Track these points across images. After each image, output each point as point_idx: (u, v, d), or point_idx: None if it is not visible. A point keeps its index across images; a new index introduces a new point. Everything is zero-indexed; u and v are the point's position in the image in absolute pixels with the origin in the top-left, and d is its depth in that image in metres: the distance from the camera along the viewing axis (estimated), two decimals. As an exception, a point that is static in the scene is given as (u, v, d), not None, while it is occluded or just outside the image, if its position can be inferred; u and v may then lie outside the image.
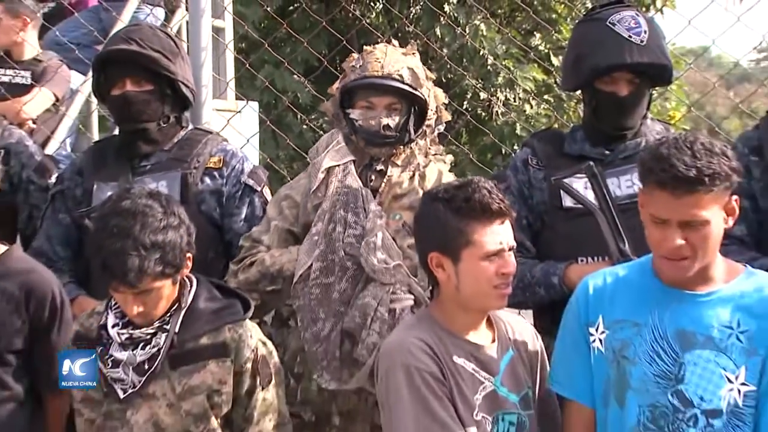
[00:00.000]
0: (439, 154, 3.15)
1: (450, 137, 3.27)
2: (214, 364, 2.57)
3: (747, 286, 2.33)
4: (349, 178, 3.02)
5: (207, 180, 3.26)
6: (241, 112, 5.05)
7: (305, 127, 9.17)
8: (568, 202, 2.92)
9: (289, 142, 6.75)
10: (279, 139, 8.51)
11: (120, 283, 2.45)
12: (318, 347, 2.91)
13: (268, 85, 7.17)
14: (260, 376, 2.61)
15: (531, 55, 10.05)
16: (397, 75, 2.98)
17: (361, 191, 2.99)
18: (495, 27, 10.26)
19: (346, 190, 3.00)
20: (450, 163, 3.20)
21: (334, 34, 5.68)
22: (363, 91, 3.02)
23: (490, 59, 10.09)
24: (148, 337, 2.55)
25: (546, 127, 6.35)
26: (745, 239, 2.77)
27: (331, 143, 3.14)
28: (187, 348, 2.57)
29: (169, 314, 2.57)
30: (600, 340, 2.42)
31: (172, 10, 6.11)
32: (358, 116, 3.02)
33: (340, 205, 2.98)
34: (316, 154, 3.17)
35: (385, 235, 2.92)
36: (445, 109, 3.14)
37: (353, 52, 3.20)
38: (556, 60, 10.63)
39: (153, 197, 2.55)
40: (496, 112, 10.47)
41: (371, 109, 3.01)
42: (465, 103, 9.76)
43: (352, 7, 9.92)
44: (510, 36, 9.96)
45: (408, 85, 2.98)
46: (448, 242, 2.43)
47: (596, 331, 2.43)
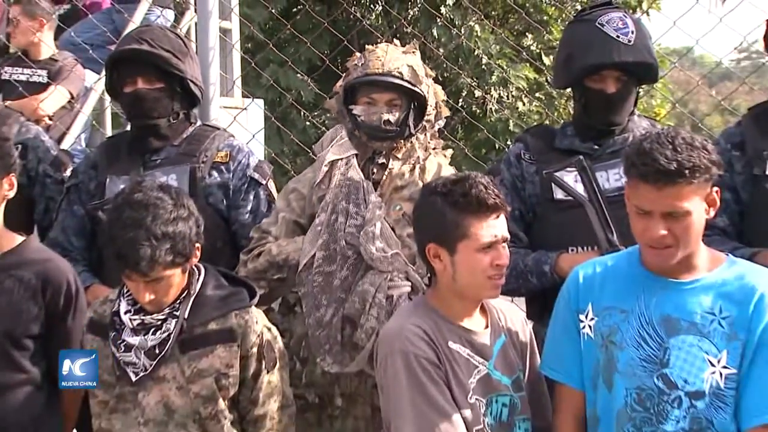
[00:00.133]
0: (439, 148, 3.14)
1: (446, 133, 3.25)
2: (222, 348, 2.56)
3: (729, 274, 2.33)
4: (352, 171, 3.01)
5: (214, 174, 3.25)
6: (247, 109, 5.03)
7: (308, 123, 9.18)
8: (559, 194, 2.91)
9: (293, 138, 6.76)
10: (283, 135, 8.53)
11: (132, 272, 2.45)
12: (320, 332, 2.90)
13: (273, 84, 7.16)
14: (265, 360, 2.61)
15: (523, 54, 10.06)
16: (397, 72, 2.96)
17: (362, 183, 2.98)
18: (489, 28, 10.27)
19: (348, 183, 2.99)
20: (449, 157, 3.19)
21: (336, 35, 5.66)
22: (365, 88, 3.01)
23: (485, 59, 10.11)
24: (159, 322, 2.55)
25: (538, 123, 6.34)
26: (727, 230, 2.76)
27: (335, 138, 3.13)
28: (195, 333, 2.57)
29: (178, 301, 2.57)
30: (589, 327, 2.41)
31: (182, 11, 6.12)
32: (360, 112, 3.00)
33: (342, 196, 2.97)
34: (321, 149, 3.17)
35: (383, 225, 2.91)
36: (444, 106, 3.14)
37: (354, 51, 3.19)
38: (547, 59, 10.65)
39: (164, 190, 2.54)
40: (490, 109, 10.48)
41: (373, 105, 3.00)
42: (460, 100, 9.77)
43: (353, 9, 9.90)
44: (503, 37, 9.98)
45: (407, 81, 2.97)
46: (445, 234, 2.42)
47: (586, 317, 2.42)
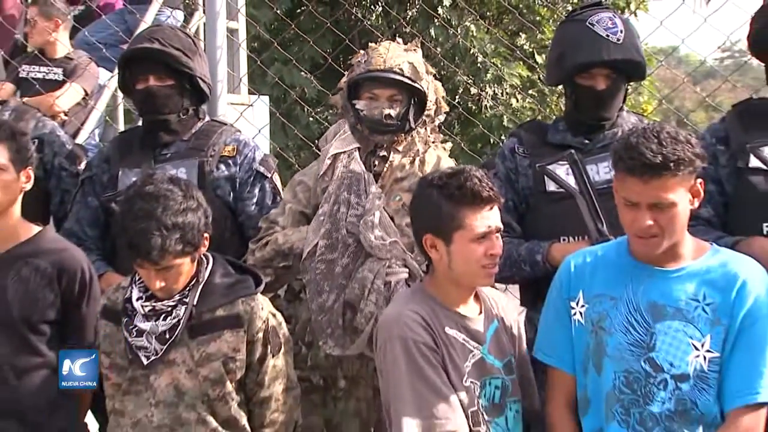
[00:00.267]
0: (438, 142, 3.13)
1: (443, 128, 3.24)
2: (229, 333, 2.56)
3: (713, 262, 2.34)
4: (353, 164, 3.00)
5: (222, 167, 3.24)
6: (253, 105, 5.04)
7: (311, 119, 9.16)
8: (551, 186, 2.91)
9: (297, 133, 6.76)
10: (287, 130, 8.50)
11: (144, 261, 2.45)
12: (323, 317, 2.90)
13: (278, 81, 7.13)
14: (271, 345, 2.61)
15: (517, 53, 10.03)
16: (398, 69, 2.96)
17: (363, 175, 2.97)
18: (484, 28, 10.24)
19: (350, 174, 2.99)
20: (448, 150, 3.18)
21: (338, 34, 5.65)
22: (367, 84, 3.00)
23: (480, 57, 10.08)
24: (169, 309, 2.54)
25: (531, 119, 6.33)
26: (712, 220, 2.76)
27: (339, 132, 3.13)
28: (204, 319, 2.56)
29: (188, 288, 2.56)
30: (580, 313, 2.42)
31: (191, 12, 6.12)
32: (363, 107, 3.00)
33: (344, 187, 2.97)
34: (325, 143, 3.17)
35: (382, 214, 2.91)
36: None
37: (355, 50, 3.19)
38: (540, 58, 10.65)
39: (173, 182, 2.53)
40: (486, 105, 10.46)
41: (375, 100, 2.99)
42: (457, 97, 9.74)
43: (354, 9, 9.87)
44: (498, 36, 9.95)
45: (408, 77, 2.96)
46: (441, 225, 2.42)
47: (577, 305, 2.43)
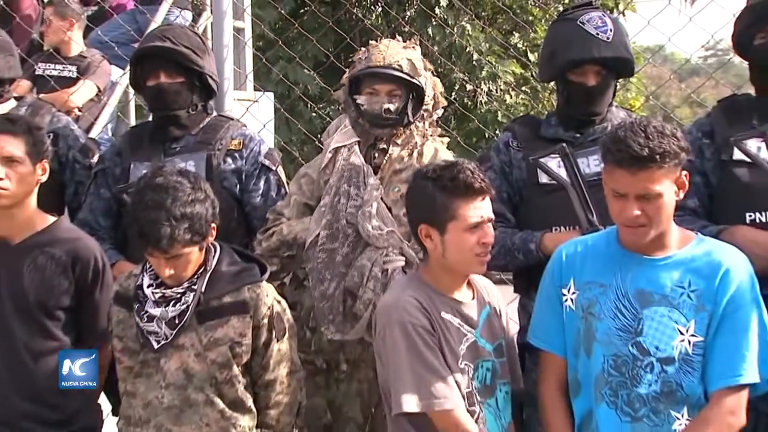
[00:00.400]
0: (436, 135, 3.12)
1: (440, 123, 3.23)
2: (236, 319, 2.55)
3: (697, 251, 2.33)
4: (353, 157, 2.99)
5: (229, 160, 3.23)
6: (258, 101, 5.03)
7: (314, 114, 9.16)
8: (543, 178, 2.90)
9: (300, 128, 6.75)
10: (291, 125, 8.51)
11: (154, 249, 2.45)
12: (324, 304, 2.90)
13: (282, 78, 7.14)
14: (275, 330, 2.60)
15: (510, 51, 10.02)
16: (396, 65, 2.95)
17: (362, 167, 2.96)
18: (479, 27, 10.24)
19: (350, 167, 2.97)
20: (446, 143, 3.17)
21: (340, 33, 5.63)
22: (368, 80, 3.00)
23: (475, 55, 10.08)
24: (178, 295, 2.54)
25: (524, 114, 6.31)
26: (698, 210, 2.75)
27: (340, 127, 3.12)
28: (211, 305, 2.56)
29: (196, 276, 2.56)
30: (571, 300, 2.41)
31: (199, 12, 6.11)
32: (363, 101, 2.99)
33: (344, 179, 2.96)
34: (327, 136, 3.16)
35: (380, 205, 2.90)
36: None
37: (356, 48, 3.17)
38: (532, 56, 10.63)
39: (182, 175, 2.53)
40: (481, 101, 10.46)
41: (375, 95, 2.98)
42: (453, 93, 9.74)
43: (355, 9, 9.86)
44: (492, 35, 9.95)
45: (406, 73, 2.96)
46: (435, 216, 2.41)
47: (568, 291, 2.42)
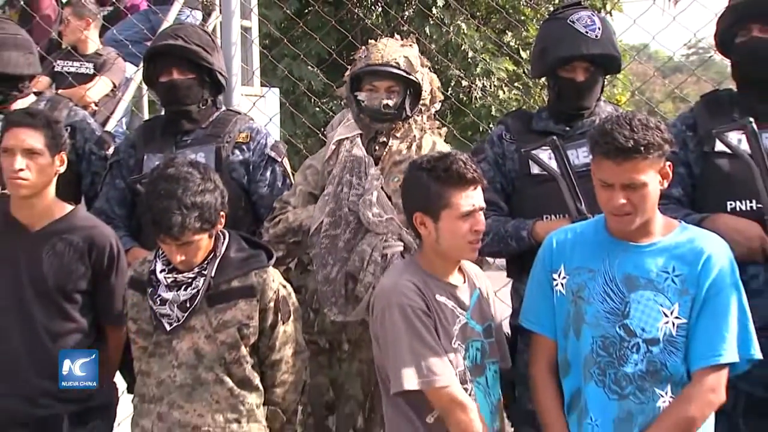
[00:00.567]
0: (434, 129, 3.11)
1: (437, 117, 3.22)
2: (243, 302, 2.55)
3: (681, 238, 2.33)
4: (355, 148, 2.99)
5: (237, 152, 3.23)
6: (264, 96, 5.00)
7: (318, 109, 9.14)
8: (535, 169, 2.89)
9: (305, 121, 6.74)
10: (296, 119, 8.47)
11: (166, 236, 2.44)
12: (327, 287, 2.90)
13: (288, 74, 7.13)
14: (281, 313, 2.60)
15: (504, 49, 9.99)
16: (394, 63, 2.94)
17: (364, 159, 2.96)
18: (474, 26, 10.21)
19: (352, 158, 2.98)
20: (443, 136, 3.16)
21: (342, 32, 5.63)
22: (367, 77, 2.99)
23: (470, 53, 10.05)
24: (189, 280, 2.53)
25: (517, 108, 6.30)
26: (681, 199, 2.75)
27: (343, 120, 3.13)
28: (221, 289, 2.55)
29: (206, 262, 2.55)
30: (562, 284, 2.40)
31: (209, 12, 6.10)
32: (363, 98, 2.98)
33: (347, 170, 2.96)
34: (331, 130, 3.17)
35: (380, 194, 2.90)
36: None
37: (357, 46, 3.17)
38: (524, 53, 10.60)
39: (193, 166, 2.52)
40: (475, 96, 10.43)
41: (374, 92, 2.97)
42: (449, 89, 9.71)
43: (356, 9, 9.83)
44: (486, 34, 9.91)
45: (403, 70, 2.95)
46: (429, 204, 2.39)
47: (559, 276, 2.41)
